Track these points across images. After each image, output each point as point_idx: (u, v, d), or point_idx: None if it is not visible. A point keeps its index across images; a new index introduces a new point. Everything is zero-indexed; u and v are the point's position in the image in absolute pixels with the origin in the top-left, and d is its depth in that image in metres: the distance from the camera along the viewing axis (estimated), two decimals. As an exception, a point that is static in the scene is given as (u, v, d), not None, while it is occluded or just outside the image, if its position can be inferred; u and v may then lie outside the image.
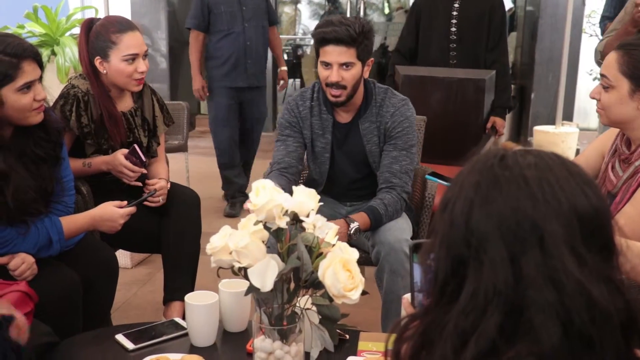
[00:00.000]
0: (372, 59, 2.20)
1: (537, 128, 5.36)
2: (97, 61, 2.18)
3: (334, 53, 2.10)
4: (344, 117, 2.27)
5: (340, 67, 2.11)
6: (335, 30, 2.07)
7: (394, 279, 2.06)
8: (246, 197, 4.10)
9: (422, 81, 3.04)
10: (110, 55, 2.17)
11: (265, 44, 4.12)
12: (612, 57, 1.65)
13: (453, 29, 3.20)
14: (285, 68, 4.35)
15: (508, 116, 3.62)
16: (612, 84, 1.64)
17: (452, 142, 3.01)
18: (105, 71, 2.19)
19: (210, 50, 4.02)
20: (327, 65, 2.13)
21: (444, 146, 2.93)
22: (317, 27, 2.17)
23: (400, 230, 2.12)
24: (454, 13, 3.21)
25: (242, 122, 4.18)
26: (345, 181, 2.33)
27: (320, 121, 2.26)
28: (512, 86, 6.38)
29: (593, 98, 1.72)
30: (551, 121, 5.46)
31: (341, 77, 2.12)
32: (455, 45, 3.22)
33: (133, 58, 2.17)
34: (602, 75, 1.67)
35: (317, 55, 2.18)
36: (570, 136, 5.10)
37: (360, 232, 2.12)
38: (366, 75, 2.20)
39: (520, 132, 6.35)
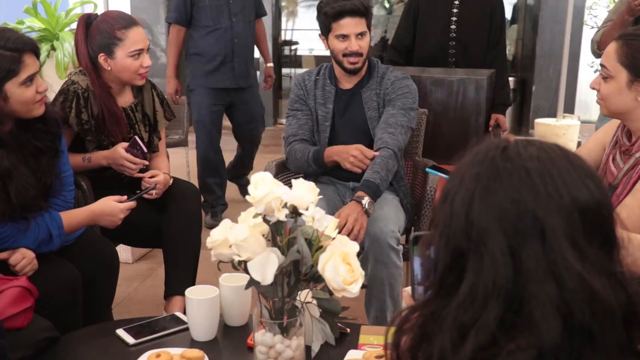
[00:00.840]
0: (372, 28, 2.37)
1: (538, 121, 5.35)
2: (102, 58, 2.17)
3: (351, 24, 2.26)
4: (346, 85, 2.39)
5: (356, 37, 2.27)
6: (352, 2, 2.24)
7: (378, 267, 2.11)
8: (226, 205, 3.89)
9: (420, 81, 3.04)
10: (116, 51, 2.16)
11: (253, 39, 3.77)
12: (611, 47, 1.65)
13: (453, 27, 3.17)
14: (271, 64, 4.02)
15: (509, 109, 3.62)
16: (611, 74, 1.64)
17: (453, 142, 3.03)
18: (109, 68, 2.18)
19: (193, 47, 3.64)
20: (344, 37, 2.27)
21: (445, 146, 2.98)
22: (326, 4, 2.28)
23: (385, 220, 2.15)
24: (455, 10, 3.18)
25: (233, 125, 3.88)
26: None
27: (323, 92, 2.39)
28: (513, 79, 6.39)
29: (593, 88, 1.72)
30: (552, 114, 5.45)
31: (359, 45, 2.27)
32: (454, 43, 3.19)
33: (139, 53, 2.18)
34: (601, 65, 1.67)
35: (327, 31, 2.30)
36: (571, 129, 5.09)
37: (373, 204, 2.14)
38: (370, 43, 2.35)
39: (522, 124, 6.34)
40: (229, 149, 4.02)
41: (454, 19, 3.17)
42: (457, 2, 3.18)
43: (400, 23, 3.41)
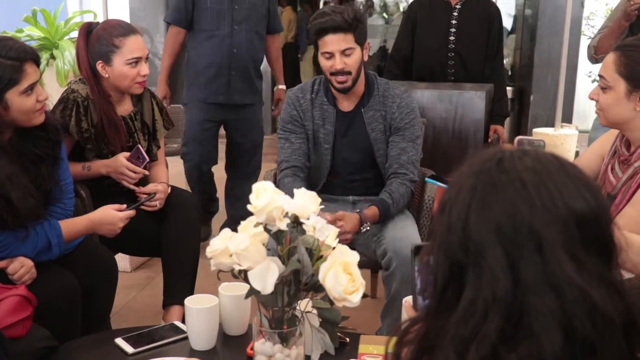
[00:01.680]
0: (368, 41, 2.27)
1: (536, 130, 5.36)
2: (99, 65, 2.18)
3: (334, 41, 2.15)
4: (346, 105, 2.31)
5: (341, 54, 2.15)
6: (332, 18, 2.13)
7: (403, 286, 2.09)
8: (217, 210, 3.67)
9: (420, 95, 3.08)
10: (114, 59, 2.17)
11: (259, 54, 3.40)
12: (609, 58, 1.66)
13: (452, 38, 3.18)
14: (283, 87, 3.55)
15: (507, 119, 3.65)
16: (610, 84, 1.65)
17: (452, 156, 3.07)
18: (107, 75, 2.19)
19: (189, 54, 3.33)
20: (329, 55, 2.17)
21: (444, 160, 3.02)
22: (312, 19, 2.21)
23: (413, 242, 2.12)
24: (453, 22, 3.18)
25: (227, 149, 3.50)
26: (347, 170, 2.33)
27: (321, 112, 2.30)
28: (512, 88, 6.42)
29: (592, 99, 1.73)
30: (550, 123, 5.47)
31: (344, 63, 2.16)
32: (453, 54, 3.20)
33: (136, 61, 2.18)
34: (600, 76, 1.68)
35: (316, 48, 2.22)
36: (569, 138, 5.10)
37: (369, 230, 2.15)
38: (365, 57, 2.25)
39: (520, 134, 6.35)
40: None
41: (453, 30, 3.17)
42: (455, 14, 3.18)
43: (399, 33, 3.40)
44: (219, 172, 3.69)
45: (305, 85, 2.35)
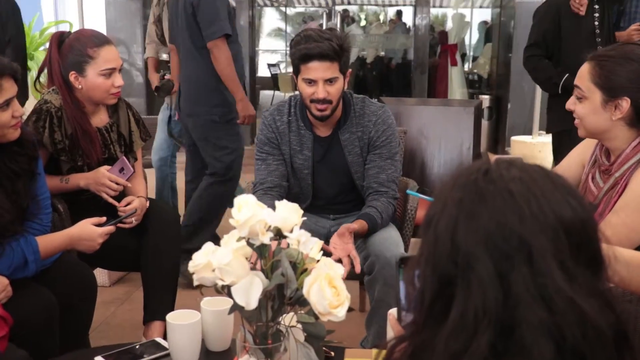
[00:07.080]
0: (350, 70, 2.20)
1: (514, 138, 5.42)
2: (72, 76, 2.14)
3: (319, 69, 2.07)
4: (323, 131, 2.26)
5: (325, 82, 2.08)
6: (319, 45, 2.04)
7: (386, 290, 2.06)
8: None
9: (414, 112, 3.16)
10: (87, 69, 2.14)
11: None
12: (585, 68, 1.67)
13: (599, 40, 3.01)
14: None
15: (485, 126, 3.70)
16: (585, 94, 1.66)
17: (443, 170, 3.14)
18: (80, 86, 2.16)
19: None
20: (312, 82, 2.09)
21: (435, 172, 3.12)
22: (296, 43, 2.11)
23: (394, 244, 2.13)
24: (596, 23, 3.06)
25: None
26: (328, 194, 2.31)
27: (298, 137, 2.24)
28: (489, 97, 6.48)
29: (569, 109, 1.74)
30: (528, 131, 5.53)
31: (327, 92, 2.09)
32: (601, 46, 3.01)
33: (110, 72, 2.16)
34: (575, 86, 1.69)
35: (297, 72, 2.14)
36: (546, 146, 5.15)
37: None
38: (346, 86, 2.19)
39: (498, 142, 6.41)
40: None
41: (597, 31, 3.02)
42: (597, 15, 3.03)
43: (542, 20, 3.07)
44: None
45: (282, 106, 2.28)
